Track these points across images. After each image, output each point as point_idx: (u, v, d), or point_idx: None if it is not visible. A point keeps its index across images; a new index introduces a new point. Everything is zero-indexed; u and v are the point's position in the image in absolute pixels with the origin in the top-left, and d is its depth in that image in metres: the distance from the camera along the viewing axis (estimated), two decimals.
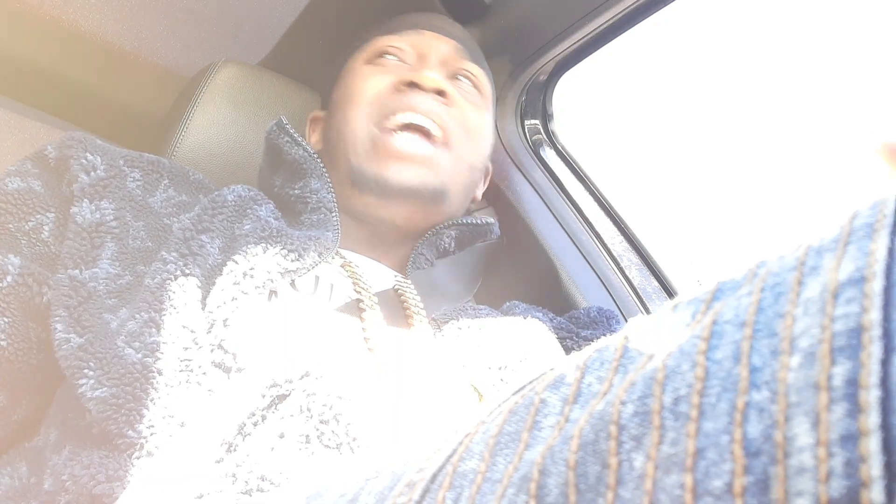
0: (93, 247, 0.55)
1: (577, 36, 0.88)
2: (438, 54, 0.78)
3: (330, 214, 0.68)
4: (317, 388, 0.49)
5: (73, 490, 0.43)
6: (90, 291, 0.52)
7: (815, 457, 0.17)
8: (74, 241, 0.54)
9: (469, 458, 0.25)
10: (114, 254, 0.55)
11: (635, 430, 0.20)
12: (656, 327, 0.24)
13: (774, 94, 17.42)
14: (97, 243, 0.55)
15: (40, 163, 0.61)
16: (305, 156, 0.71)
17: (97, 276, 0.53)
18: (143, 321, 0.49)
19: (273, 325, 0.55)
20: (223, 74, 0.89)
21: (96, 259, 0.54)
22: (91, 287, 0.52)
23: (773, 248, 0.23)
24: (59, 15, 0.95)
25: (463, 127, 0.74)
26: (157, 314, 0.49)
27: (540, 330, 0.71)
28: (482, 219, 0.77)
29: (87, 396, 0.45)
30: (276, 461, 0.45)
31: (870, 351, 0.17)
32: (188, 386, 0.48)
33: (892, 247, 0.18)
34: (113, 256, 0.55)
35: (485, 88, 0.81)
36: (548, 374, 0.26)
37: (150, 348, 0.48)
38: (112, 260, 0.55)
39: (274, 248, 0.58)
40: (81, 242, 0.54)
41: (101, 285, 0.53)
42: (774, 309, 0.20)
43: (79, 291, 0.51)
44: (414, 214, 0.72)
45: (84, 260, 0.54)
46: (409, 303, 0.65)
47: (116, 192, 0.59)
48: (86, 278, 0.52)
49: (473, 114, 0.77)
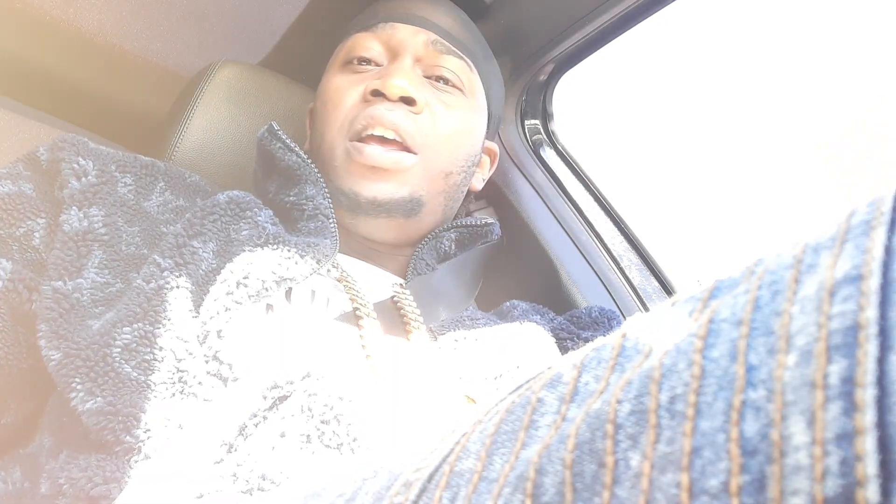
0: (79, 256, 0.54)
1: (577, 36, 0.88)
2: (412, 51, 0.73)
3: (327, 221, 0.66)
4: (318, 389, 0.49)
5: (70, 493, 0.43)
6: (72, 303, 0.51)
7: (811, 455, 0.17)
8: (61, 250, 0.53)
9: (466, 458, 0.25)
10: (101, 262, 0.54)
11: (632, 428, 0.20)
12: (653, 326, 0.24)
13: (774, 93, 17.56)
14: (84, 252, 0.54)
15: (32, 165, 0.60)
16: (299, 162, 0.69)
17: (81, 286, 0.52)
18: (136, 330, 0.48)
19: (269, 335, 0.54)
20: (223, 74, 0.89)
21: (81, 269, 0.53)
22: (74, 298, 0.51)
23: (771, 246, 0.23)
24: (59, 15, 0.95)
25: (435, 133, 0.70)
26: (150, 326, 0.49)
27: (537, 336, 0.71)
28: (482, 219, 0.76)
29: (80, 409, 0.45)
30: (277, 460, 0.45)
31: (866, 349, 0.17)
32: (183, 397, 0.47)
33: (889, 244, 0.18)
34: (101, 265, 0.54)
35: (466, 82, 0.75)
36: (545, 373, 0.26)
37: (144, 359, 0.47)
38: (100, 268, 0.54)
39: (270, 255, 0.57)
40: (67, 252, 0.53)
41: (85, 295, 0.52)
42: (771, 307, 0.20)
43: (61, 303, 0.50)
44: (391, 229, 0.71)
45: (68, 270, 0.53)
46: (408, 313, 0.64)
47: (107, 198, 0.58)
48: (69, 289, 0.51)
49: (448, 117, 0.72)
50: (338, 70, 0.75)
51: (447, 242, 0.75)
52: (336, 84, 0.73)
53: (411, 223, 0.72)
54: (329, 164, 0.70)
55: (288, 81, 0.96)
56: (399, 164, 0.68)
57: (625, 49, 0.92)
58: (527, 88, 0.98)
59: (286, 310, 0.58)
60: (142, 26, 0.99)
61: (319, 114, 0.74)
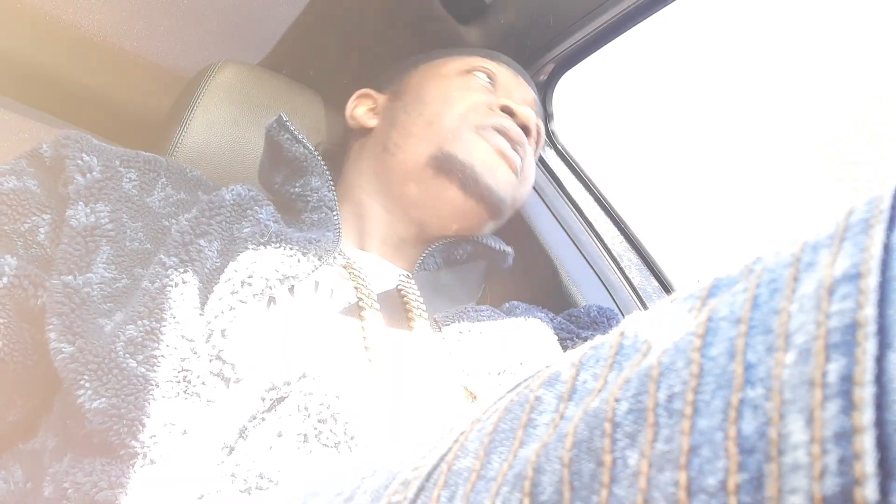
0: (87, 251, 0.54)
1: (577, 36, 0.89)
2: (524, 98, 0.81)
3: (331, 213, 0.68)
4: (314, 388, 0.49)
5: (74, 497, 0.43)
6: (83, 297, 0.51)
7: (810, 454, 0.17)
8: (69, 245, 0.54)
9: (464, 457, 0.25)
10: (109, 257, 0.55)
11: (630, 427, 0.20)
12: (652, 324, 0.24)
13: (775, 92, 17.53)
14: (92, 247, 0.54)
15: (35, 162, 0.60)
16: (306, 153, 0.71)
17: (91, 281, 0.52)
18: (142, 330, 0.48)
19: (271, 332, 0.54)
20: (223, 74, 0.89)
21: (90, 264, 0.53)
22: (85, 293, 0.51)
23: (771, 245, 0.23)
24: (59, 15, 0.95)
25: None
26: (156, 322, 0.49)
27: (541, 333, 0.71)
28: (502, 246, 0.79)
29: (86, 407, 0.45)
30: (275, 460, 0.45)
31: (865, 347, 0.17)
32: (187, 397, 0.47)
33: (888, 242, 0.18)
34: (108, 260, 0.54)
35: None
36: (543, 372, 0.26)
37: (148, 358, 0.47)
38: (107, 264, 0.54)
39: (273, 253, 0.57)
40: (76, 247, 0.54)
41: (95, 290, 0.52)
42: (770, 305, 0.20)
43: (72, 298, 0.50)
44: (469, 217, 0.73)
45: (78, 265, 0.53)
46: (412, 303, 0.65)
47: (112, 193, 0.59)
48: (79, 284, 0.51)
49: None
50: (457, 74, 0.79)
51: (461, 252, 0.76)
52: (460, 82, 0.78)
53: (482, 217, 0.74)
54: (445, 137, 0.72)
55: (288, 81, 0.96)
56: (518, 169, 0.74)
57: (625, 49, 0.92)
58: None
59: (289, 303, 0.58)
60: (142, 26, 0.99)
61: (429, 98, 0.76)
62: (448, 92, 0.76)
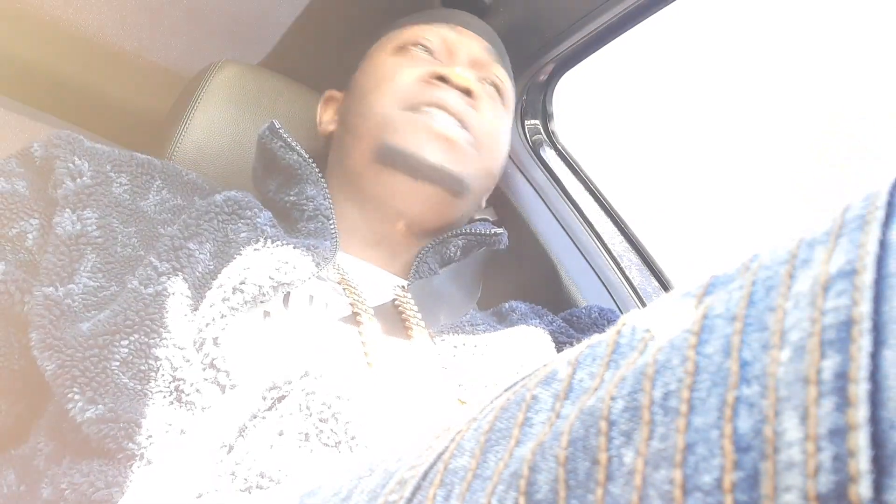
0: (71, 260, 0.52)
1: (577, 36, 0.88)
2: (469, 53, 0.76)
3: (327, 222, 0.66)
4: (316, 388, 0.49)
5: (71, 498, 0.43)
6: (63, 309, 0.50)
7: (804, 451, 0.17)
8: (53, 255, 0.52)
9: (460, 456, 0.25)
10: (94, 265, 0.53)
11: (625, 425, 0.20)
12: (648, 322, 0.24)
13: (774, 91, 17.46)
14: (76, 256, 0.53)
15: (26, 162, 0.59)
16: (300, 161, 0.69)
17: (72, 292, 0.51)
18: (133, 342, 0.48)
19: (267, 339, 0.54)
20: (223, 74, 0.89)
21: (73, 274, 0.52)
22: (66, 304, 0.50)
23: (768, 242, 0.22)
24: (59, 15, 0.95)
25: (488, 131, 0.73)
26: (146, 333, 0.48)
27: (536, 343, 0.70)
28: (492, 229, 0.76)
29: (78, 420, 0.44)
30: (276, 458, 0.45)
31: (860, 344, 0.17)
32: (180, 405, 0.47)
33: (884, 239, 0.18)
34: (94, 268, 0.53)
35: (508, 95, 0.79)
36: (540, 370, 0.26)
37: (140, 369, 0.47)
38: (92, 272, 0.53)
39: (268, 259, 0.56)
40: (60, 256, 0.52)
41: (76, 301, 0.51)
42: (765, 303, 0.20)
43: (52, 310, 0.49)
44: (433, 203, 0.70)
45: (60, 276, 0.51)
46: (409, 317, 0.64)
47: (101, 199, 0.57)
48: (60, 296, 0.50)
49: (496, 119, 0.75)
50: (390, 53, 0.76)
51: (453, 248, 0.74)
52: (391, 62, 0.74)
53: (448, 201, 0.71)
54: (382, 127, 0.69)
55: (288, 81, 0.96)
56: (465, 142, 0.70)
57: (625, 49, 0.92)
58: (527, 88, 0.98)
59: (283, 316, 0.57)
60: (142, 26, 1.00)
61: (364, 90, 0.74)
62: (378, 77, 0.73)
